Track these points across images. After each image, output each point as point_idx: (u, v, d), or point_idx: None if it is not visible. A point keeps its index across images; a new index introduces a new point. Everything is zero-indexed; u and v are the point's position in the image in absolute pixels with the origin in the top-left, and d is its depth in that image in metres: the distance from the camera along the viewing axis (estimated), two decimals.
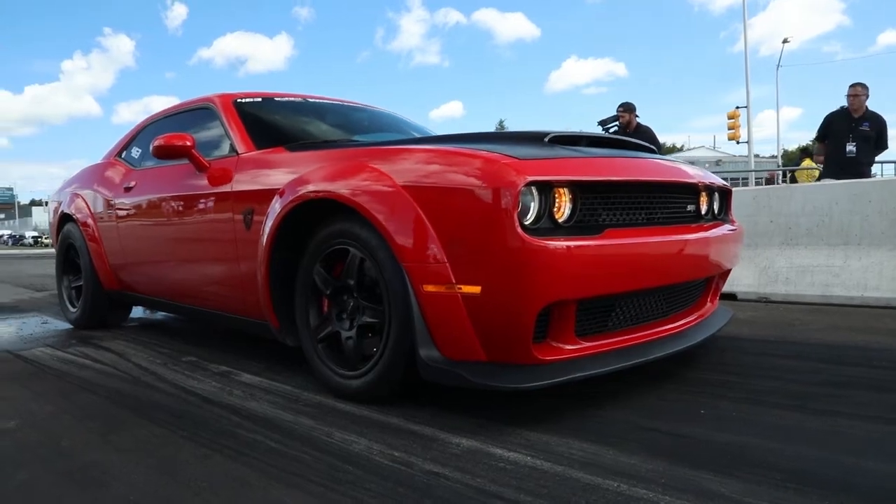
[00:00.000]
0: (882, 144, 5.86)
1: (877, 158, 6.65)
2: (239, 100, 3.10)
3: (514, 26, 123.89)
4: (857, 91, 5.74)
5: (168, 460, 1.68)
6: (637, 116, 6.16)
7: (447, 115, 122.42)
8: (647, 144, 2.71)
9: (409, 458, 1.62)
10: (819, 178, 7.46)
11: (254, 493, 1.45)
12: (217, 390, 2.34)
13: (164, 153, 2.81)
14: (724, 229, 2.64)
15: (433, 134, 3.60)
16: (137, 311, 4.31)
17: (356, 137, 3.32)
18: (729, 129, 19.18)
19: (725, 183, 2.88)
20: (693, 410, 1.94)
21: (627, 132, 6.03)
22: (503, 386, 1.78)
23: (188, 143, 2.78)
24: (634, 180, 2.07)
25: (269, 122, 3.08)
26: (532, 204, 1.80)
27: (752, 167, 18.40)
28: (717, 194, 2.77)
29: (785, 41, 26.67)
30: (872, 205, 4.03)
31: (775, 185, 4.76)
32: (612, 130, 6.14)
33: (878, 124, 5.76)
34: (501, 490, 1.41)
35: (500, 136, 2.17)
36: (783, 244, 4.39)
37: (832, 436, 1.70)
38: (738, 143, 19.72)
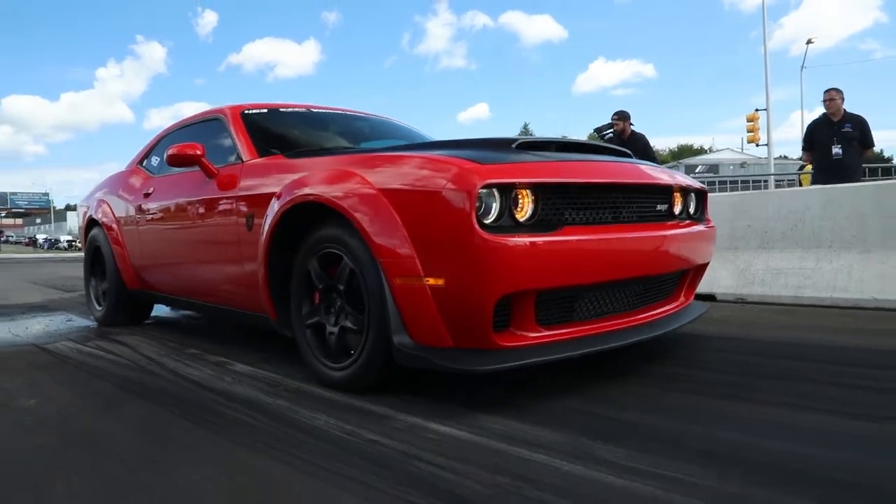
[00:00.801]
0: (867, 143, 5.98)
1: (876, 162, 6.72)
2: (246, 111, 3.33)
3: (540, 28, 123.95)
4: (832, 96, 5.92)
5: (159, 432, 1.92)
6: (632, 124, 6.32)
7: (474, 117, 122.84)
8: (621, 149, 2.88)
9: (358, 430, 1.83)
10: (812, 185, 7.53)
11: (223, 455, 1.70)
12: (211, 377, 2.57)
13: (177, 161, 3.06)
14: (695, 228, 2.80)
15: (428, 138, 3.82)
16: (157, 310, 4.57)
17: (356, 144, 3.55)
18: (748, 131, 19.07)
19: (701, 185, 3.04)
20: (632, 398, 2.10)
21: (622, 139, 6.19)
22: (464, 368, 1.97)
23: (198, 152, 3.02)
24: (594, 182, 2.23)
25: (273, 132, 3.31)
26: (494, 204, 1.99)
27: (772, 170, 18.23)
28: (692, 195, 2.94)
29: (809, 42, 26.41)
30: (843, 210, 4.14)
31: (752, 192, 4.86)
32: (607, 137, 6.31)
33: (860, 124, 5.92)
34: (422, 454, 1.63)
35: (472, 143, 2.37)
36: (760, 247, 4.50)
37: (745, 421, 1.84)
38: (757, 145, 19.59)
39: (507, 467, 1.53)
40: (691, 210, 2.94)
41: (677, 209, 2.79)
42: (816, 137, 6.05)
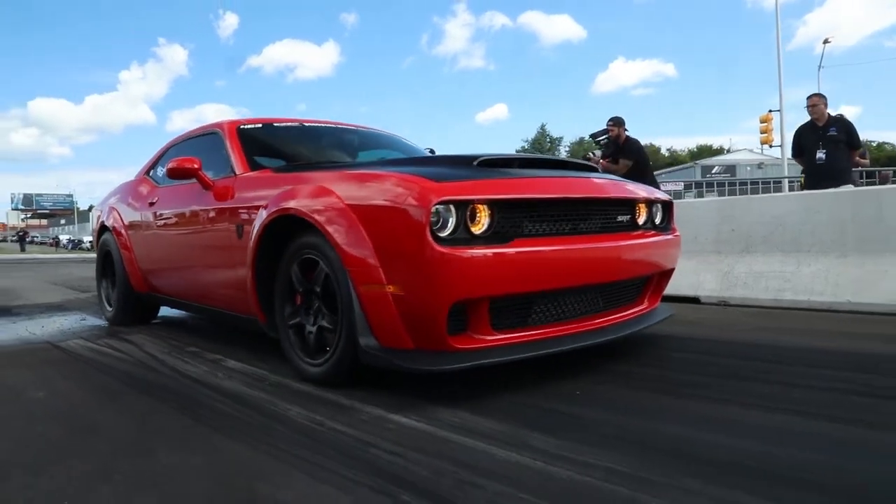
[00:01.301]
0: (854, 144, 6.07)
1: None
2: (242, 126, 3.57)
3: (559, 28, 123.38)
4: (814, 101, 6.03)
5: (152, 420, 2.16)
6: (626, 130, 6.47)
7: (493, 118, 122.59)
8: (586, 164, 3.08)
9: (325, 420, 2.05)
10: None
11: (205, 442, 1.92)
12: (205, 373, 2.81)
13: (176, 174, 3.30)
14: (657, 237, 2.98)
15: (415, 148, 4.06)
16: (164, 311, 4.83)
17: (346, 156, 3.78)
18: (761, 132, 19.05)
19: (667, 197, 3.22)
20: (584, 395, 2.29)
21: (618, 144, 6.37)
22: (421, 368, 2.18)
23: (195, 166, 3.26)
24: (548, 197, 2.43)
25: (265, 146, 3.55)
26: (450, 218, 2.19)
27: (786, 172, 18.20)
28: (657, 206, 3.12)
29: (826, 42, 26.26)
30: (821, 215, 4.29)
31: (736, 197, 5.01)
32: (602, 142, 6.48)
33: (845, 127, 6.03)
34: (380, 441, 1.83)
35: (437, 161, 2.56)
36: (743, 251, 4.65)
37: (687, 415, 2.03)
38: (770, 146, 19.55)
39: (451, 454, 1.74)
40: (657, 220, 3.12)
41: (641, 220, 2.97)
42: (803, 143, 6.16)
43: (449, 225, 2.19)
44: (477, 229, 2.24)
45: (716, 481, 1.49)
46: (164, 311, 4.76)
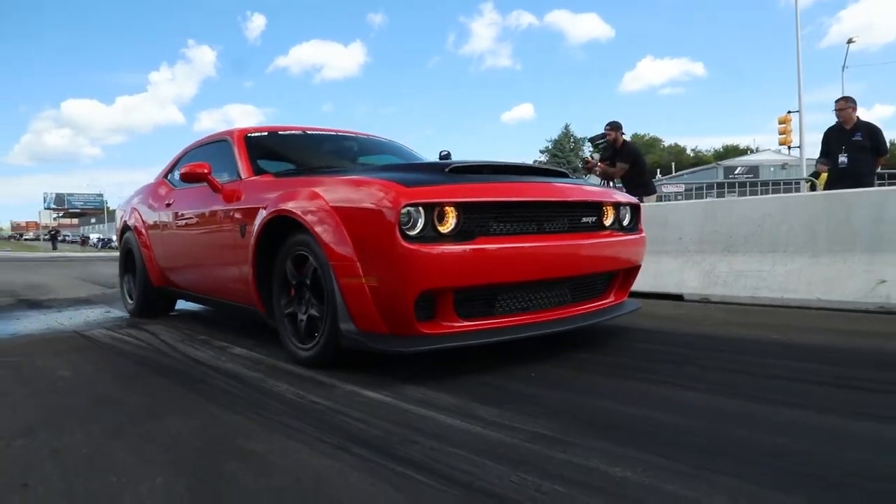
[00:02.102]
0: (880, 151, 6.15)
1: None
2: (249, 134, 3.91)
3: (587, 27, 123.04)
4: (841, 105, 6.11)
5: (161, 395, 2.50)
6: (623, 134, 6.71)
7: (518, 117, 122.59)
8: (558, 170, 3.36)
9: (307, 395, 2.37)
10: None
11: (201, 409, 2.26)
12: (211, 357, 3.15)
13: (189, 178, 3.65)
14: (621, 237, 3.25)
15: (410, 152, 4.39)
16: (181, 304, 5.19)
17: (345, 162, 4.10)
18: (780, 133, 19.02)
19: (633, 200, 3.50)
20: (540, 376, 2.58)
21: (615, 147, 6.61)
22: (392, 350, 2.49)
23: (206, 171, 3.60)
24: (510, 200, 2.71)
25: (270, 153, 3.89)
26: (419, 219, 2.49)
27: (804, 174, 18.15)
28: (626, 209, 3.39)
29: (850, 41, 25.97)
30: (797, 217, 4.50)
31: (719, 199, 5.23)
32: (601, 146, 6.73)
33: (872, 133, 6.07)
34: (348, 411, 2.15)
35: (413, 167, 2.86)
36: (725, 251, 4.87)
37: (627, 395, 2.31)
38: (789, 148, 19.50)
39: (405, 421, 2.04)
40: (624, 221, 3.39)
41: (608, 221, 3.25)
42: (829, 144, 6.24)
43: (418, 224, 2.49)
44: (444, 228, 2.54)
45: (624, 443, 1.77)
46: (181, 304, 5.12)
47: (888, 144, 6.31)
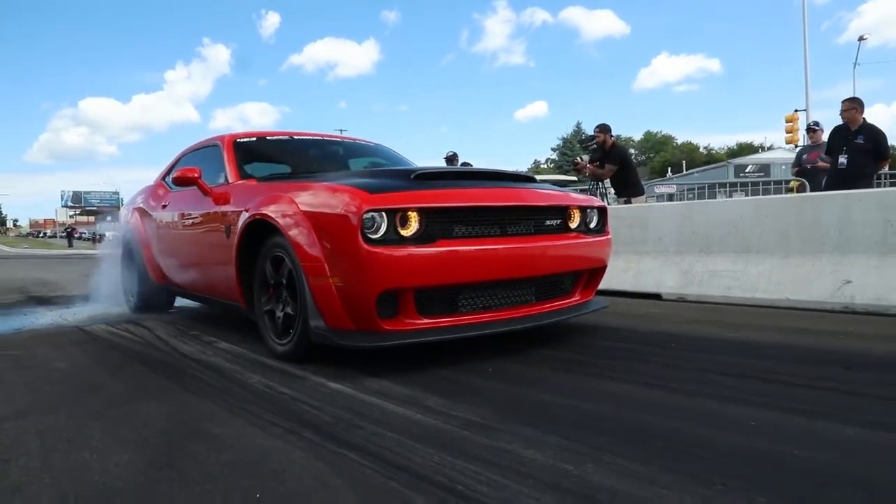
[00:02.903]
0: (882, 155, 6.19)
1: None
2: (238, 139, 4.13)
3: (601, 24, 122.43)
4: (846, 106, 6.14)
5: (144, 385, 2.72)
6: (612, 136, 6.86)
7: (531, 115, 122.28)
8: (524, 175, 3.55)
9: (276, 385, 2.58)
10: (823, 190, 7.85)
11: (175, 397, 2.48)
12: (196, 351, 3.37)
13: (180, 182, 3.87)
14: (585, 238, 3.42)
15: (392, 154, 4.60)
16: (180, 301, 5.43)
17: (331, 166, 4.30)
18: (787, 132, 19.01)
19: (601, 203, 3.67)
20: (496, 371, 2.77)
21: (605, 149, 6.77)
22: (356, 345, 2.69)
23: (196, 175, 3.81)
24: (469, 205, 2.90)
25: (257, 157, 4.10)
26: (382, 223, 2.69)
27: None
28: (592, 212, 3.57)
29: (861, 39, 25.89)
30: (769, 220, 4.64)
31: (696, 201, 5.38)
32: (591, 148, 6.89)
33: (874, 136, 6.09)
34: (309, 400, 2.35)
35: (379, 174, 3.06)
36: (701, 251, 5.03)
37: (565, 387, 2.50)
38: (795, 146, 19.46)
39: (356, 408, 2.24)
40: (591, 224, 3.57)
41: (573, 223, 3.42)
42: (831, 144, 6.33)
43: (381, 229, 2.68)
44: (406, 232, 2.73)
45: (546, 431, 1.95)
46: (180, 301, 5.36)
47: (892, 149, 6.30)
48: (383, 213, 2.68)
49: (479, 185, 3.12)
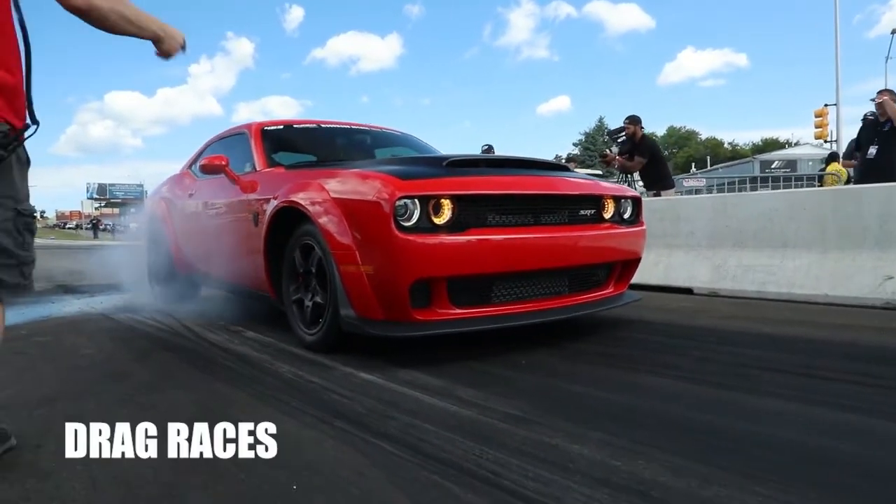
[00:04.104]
0: None
1: None
2: (265, 127, 4.09)
3: (627, 18, 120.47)
4: (880, 98, 5.97)
5: (172, 372, 2.69)
6: (642, 128, 6.73)
7: (554, 109, 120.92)
8: (556, 163, 3.45)
9: (306, 375, 2.53)
10: (847, 183, 7.67)
11: (206, 386, 2.43)
12: (224, 340, 3.33)
13: (208, 170, 3.84)
14: (620, 229, 3.33)
15: (420, 143, 4.51)
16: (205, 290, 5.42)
17: (358, 155, 4.24)
18: (816, 127, 18.64)
19: (634, 193, 3.57)
20: (529, 363, 2.69)
21: (634, 141, 6.64)
22: (387, 335, 2.63)
23: (223, 163, 3.77)
24: (501, 193, 2.82)
25: (285, 145, 4.05)
26: (415, 210, 2.62)
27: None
28: (627, 202, 3.47)
29: (895, 32, 25.27)
30: (806, 213, 4.50)
31: (730, 194, 5.24)
32: (620, 140, 6.77)
33: None
34: (339, 390, 2.30)
35: (411, 161, 2.99)
36: (735, 246, 4.89)
37: (598, 380, 2.43)
38: (825, 141, 19.10)
39: (389, 399, 2.18)
40: (625, 214, 3.47)
41: (608, 214, 3.33)
42: (861, 137, 6.18)
43: (413, 216, 2.61)
44: (439, 220, 2.66)
45: (591, 425, 1.88)
46: (206, 291, 5.34)
47: None
48: (416, 200, 2.61)
49: (513, 174, 3.04)
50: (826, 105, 18.89)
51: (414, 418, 1.95)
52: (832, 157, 10.90)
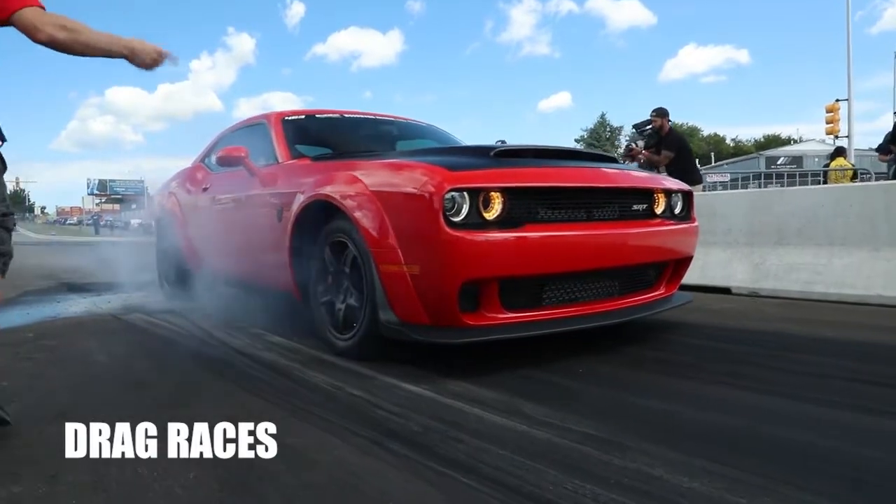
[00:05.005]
0: None
1: None
2: (286, 117, 3.83)
3: (628, 14, 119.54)
4: None
5: (191, 378, 2.46)
6: (669, 121, 6.47)
7: (555, 105, 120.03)
8: (606, 155, 3.20)
9: (344, 386, 2.28)
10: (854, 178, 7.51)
11: (229, 398, 2.19)
12: (246, 345, 3.08)
13: (225, 162, 3.59)
14: (672, 225, 3.09)
15: (448, 136, 4.26)
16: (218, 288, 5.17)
17: (383, 146, 3.99)
18: (827, 122, 18.37)
19: (686, 188, 3.32)
20: (584, 371, 2.45)
21: (661, 135, 6.39)
22: (433, 341, 2.38)
23: (242, 154, 3.53)
24: (555, 186, 2.58)
25: (307, 136, 3.80)
26: (464, 204, 2.37)
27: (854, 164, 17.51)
28: (677, 196, 3.22)
29: None
30: (853, 208, 4.25)
31: (769, 189, 5.00)
32: (646, 133, 6.51)
33: None
34: (385, 404, 2.06)
35: (456, 151, 2.75)
36: (776, 243, 4.64)
37: (668, 393, 2.19)
38: (836, 137, 18.83)
39: (445, 416, 1.94)
40: (676, 210, 3.22)
41: (659, 209, 3.09)
42: (893, 140, 6.07)
43: (462, 211, 2.37)
44: (490, 215, 2.41)
45: (676, 447, 1.64)
46: (220, 289, 5.10)
47: None
48: (465, 194, 2.37)
49: (564, 164, 2.80)
50: (838, 100, 18.62)
51: (482, 440, 1.71)
52: (838, 152, 10.73)
